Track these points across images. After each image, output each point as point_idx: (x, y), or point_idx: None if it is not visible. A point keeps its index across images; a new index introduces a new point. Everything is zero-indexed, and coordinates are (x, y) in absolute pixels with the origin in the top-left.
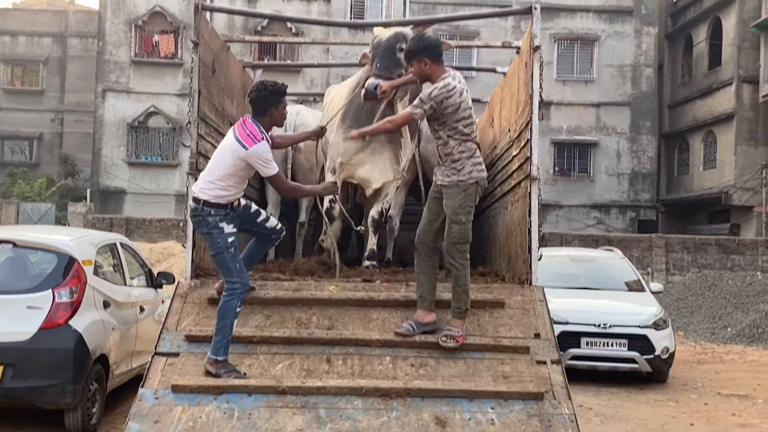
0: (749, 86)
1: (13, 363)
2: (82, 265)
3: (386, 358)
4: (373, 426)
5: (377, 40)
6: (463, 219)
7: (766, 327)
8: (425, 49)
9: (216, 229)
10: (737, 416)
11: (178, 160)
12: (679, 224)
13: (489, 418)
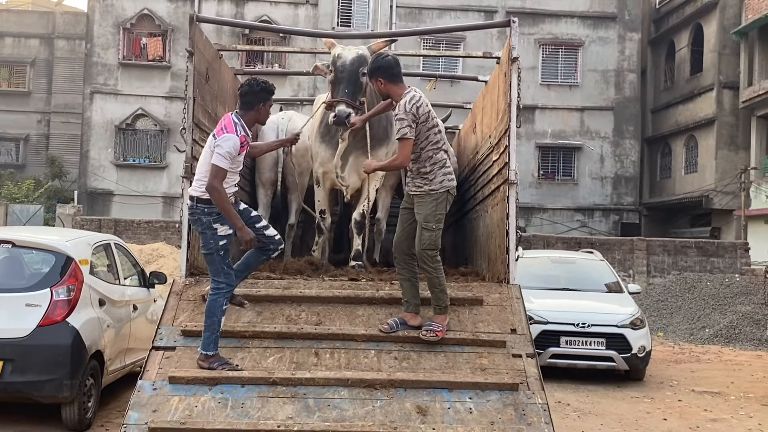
0: (730, 92)
1: (12, 358)
2: (78, 265)
3: (371, 352)
4: (358, 414)
5: (341, 61)
6: (434, 226)
7: (743, 328)
8: (380, 69)
9: (209, 229)
10: (709, 411)
11: (165, 162)
12: (661, 227)
13: (467, 407)
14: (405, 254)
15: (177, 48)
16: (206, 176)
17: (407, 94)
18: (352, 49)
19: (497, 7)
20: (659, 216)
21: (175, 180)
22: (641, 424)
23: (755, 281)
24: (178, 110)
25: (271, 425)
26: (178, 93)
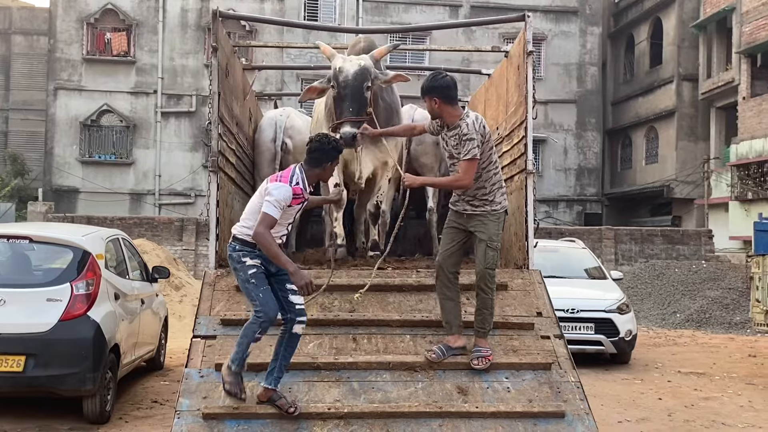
0: (689, 84)
1: (35, 353)
2: (95, 259)
3: (406, 337)
4: (402, 396)
5: (343, 76)
6: (498, 246)
7: (713, 312)
8: (437, 88)
9: (239, 263)
10: (699, 391)
11: (132, 159)
12: (622, 217)
13: (505, 386)
14: (450, 272)
15: (142, 43)
16: (248, 218)
17: (469, 114)
18: (353, 61)
19: (462, 2)
20: (621, 206)
21: (143, 176)
22: (639, 404)
23: (721, 267)
24: (144, 106)
25: (322, 408)
26: (143, 88)
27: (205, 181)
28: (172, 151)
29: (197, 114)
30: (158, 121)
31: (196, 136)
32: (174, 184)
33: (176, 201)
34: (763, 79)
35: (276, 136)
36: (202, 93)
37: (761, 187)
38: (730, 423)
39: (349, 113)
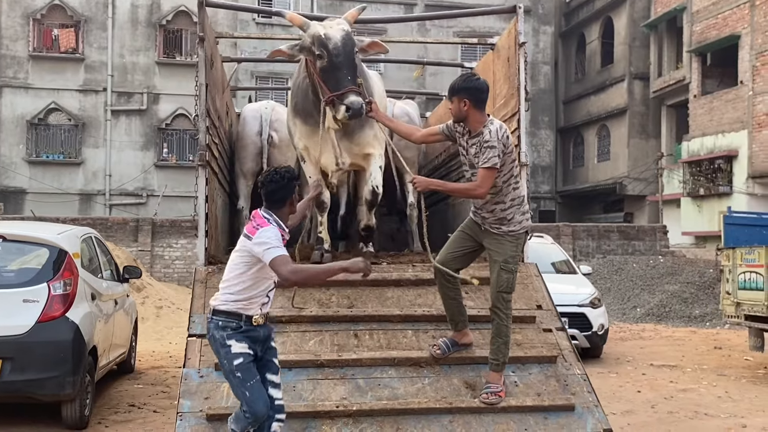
0: (640, 82)
1: (12, 357)
2: (72, 258)
3: (408, 332)
4: (410, 392)
5: (332, 43)
6: (514, 268)
7: (673, 306)
8: (468, 90)
9: (223, 347)
10: (675, 383)
11: (81, 158)
12: (575, 214)
13: (512, 380)
14: (457, 265)
15: (91, 39)
16: (231, 282)
17: (493, 122)
18: (335, 26)
19: (417, 0)
20: (574, 203)
21: (92, 176)
22: (620, 397)
23: (678, 262)
24: (93, 104)
25: (329, 406)
26: (92, 86)
27: (156, 181)
28: (123, 150)
29: (148, 112)
30: (108, 119)
31: (147, 134)
32: (125, 184)
33: (127, 201)
34: (713, 77)
35: (262, 129)
36: (153, 91)
37: (713, 183)
38: (712, 413)
39: (348, 82)
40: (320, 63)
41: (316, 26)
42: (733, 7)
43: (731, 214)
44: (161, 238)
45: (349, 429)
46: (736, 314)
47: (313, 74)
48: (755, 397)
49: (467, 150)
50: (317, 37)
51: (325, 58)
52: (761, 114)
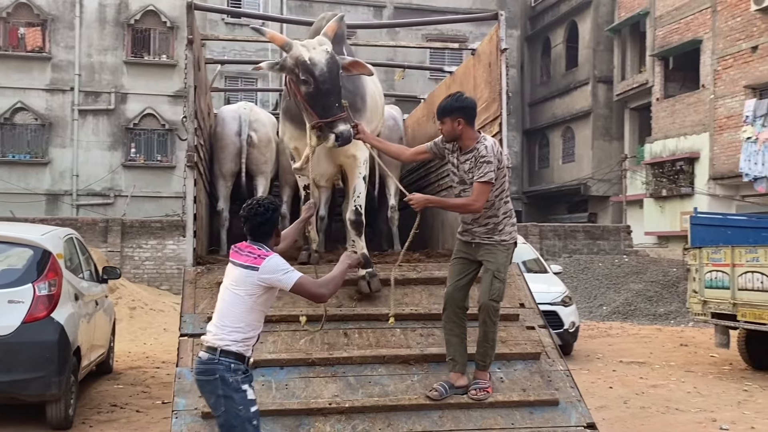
0: (604, 86)
1: None
2: (56, 259)
3: (397, 330)
4: (400, 389)
5: (318, 69)
6: (504, 277)
7: (638, 304)
8: (463, 109)
9: (237, 392)
10: (645, 379)
11: (48, 158)
12: (541, 214)
13: (498, 376)
14: (458, 308)
15: (58, 38)
16: (237, 320)
17: (486, 138)
18: (318, 48)
19: (386, 3)
20: (539, 204)
21: (59, 176)
22: (593, 393)
23: (642, 261)
24: (60, 103)
25: (322, 403)
26: (59, 85)
27: (124, 181)
28: (90, 150)
29: (116, 112)
30: (75, 119)
31: (115, 134)
32: (92, 184)
33: (95, 201)
34: (675, 81)
35: (241, 129)
36: (120, 90)
37: (675, 184)
38: (683, 408)
39: (336, 109)
40: (306, 88)
41: (299, 48)
42: (695, 12)
43: (697, 214)
44: (131, 239)
45: (342, 425)
46: (703, 312)
47: (296, 95)
48: (723, 392)
49: (458, 166)
50: (301, 63)
51: (311, 84)
52: (722, 117)
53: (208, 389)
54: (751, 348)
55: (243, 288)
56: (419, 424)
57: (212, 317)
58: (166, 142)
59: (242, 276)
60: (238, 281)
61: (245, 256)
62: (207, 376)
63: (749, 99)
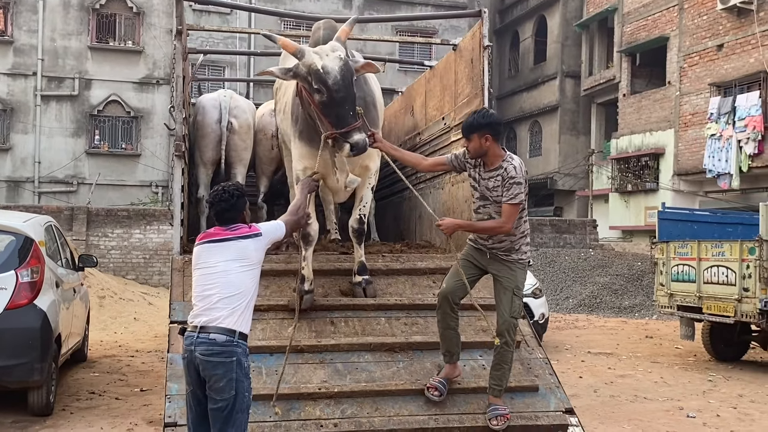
0: (572, 80)
1: None
2: (38, 246)
3: (381, 319)
4: (386, 375)
5: (332, 78)
6: (522, 294)
7: (603, 297)
8: (491, 125)
9: (248, 379)
10: (613, 369)
11: (9, 144)
12: None
13: (480, 363)
14: (454, 303)
15: (20, 22)
16: (250, 298)
17: (513, 157)
18: (331, 55)
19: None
20: None
21: (21, 163)
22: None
23: (607, 255)
24: (23, 88)
25: (312, 388)
26: (22, 70)
27: (87, 169)
28: (53, 136)
29: (80, 98)
30: (38, 104)
31: (78, 121)
32: (55, 171)
33: (57, 189)
34: (642, 77)
35: (221, 116)
36: (84, 76)
37: (640, 179)
38: (651, 397)
39: (351, 118)
40: (319, 97)
41: (312, 56)
42: (663, 10)
43: (665, 210)
44: (96, 228)
45: (331, 410)
46: (669, 305)
47: (309, 103)
48: (688, 382)
49: (479, 182)
50: (315, 71)
51: (325, 93)
52: (687, 114)
53: (221, 371)
54: (715, 340)
55: (248, 260)
56: (405, 409)
57: (210, 302)
58: (131, 130)
59: (251, 246)
60: (247, 254)
61: (234, 232)
62: (224, 357)
63: (714, 96)
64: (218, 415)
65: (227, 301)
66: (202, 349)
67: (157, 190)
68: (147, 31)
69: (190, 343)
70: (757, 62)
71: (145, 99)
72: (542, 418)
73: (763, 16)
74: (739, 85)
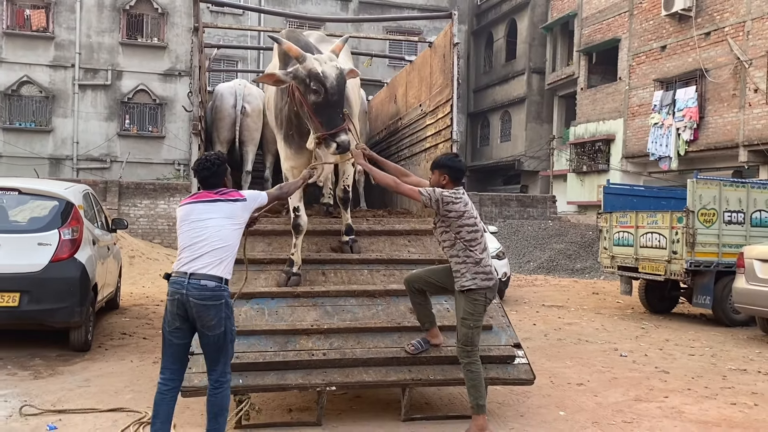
0: (537, 76)
1: (29, 290)
2: (78, 209)
3: (364, 271)
4: (367, 315)
5: (329, 82)
6: (471, 324)
7: (559, 261)
8: (449, 167)
9: (233, 316)
10: (562, 319)
11: (51, 126)
12: (481, 186)
13: (445, 307)
14: (415, 288)
15: (60, 20)
16: (232, 252)
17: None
18: (329, 63)
19: None
20: (480, 177)
21: (61, 143)
22: (520, 328)
23: (564, 226)
24: (63, 78)
25: (306, 325)
26: (61, 62)
27: (119, 149)
28: (89, 120)
29: (112, 87)
30: (76, 92)
31: (111, 107)
32: (90, 150)
33: (93, 166)
34: (597, 73)
35: (236, 102)
36: (116, 68)
37: (594, 161)
38: (591, 340)
39: (340, 120)
40: (314, 98)
41: (312, 61)
42: (615, 15)
43: (609, 185)
44: (127, 199)
45: (321, 342)
46: (611, 266)
47: (302, 103)
48: (624, 329)
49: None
50: (314, 74)
51: (321, 94)
52: (635, 105)
53: (213, 312)
54: (649, 295)
55: (237, 220)
56: (382, 342)
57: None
58: (157, 115)
59: (238, 207)
60: (234, 213)
61: (224, 195)
62: (215, 301)
63: (657, 90)
64: (211, 347)
65: (216, 253)
66: (196, 293)
67: (179, 167)
68: (170, 29)
69: (181, 287)
70: (695, 61)
71: (168, 88)
72: (494, 350)
73: (700, 22)
74: (678, 81)
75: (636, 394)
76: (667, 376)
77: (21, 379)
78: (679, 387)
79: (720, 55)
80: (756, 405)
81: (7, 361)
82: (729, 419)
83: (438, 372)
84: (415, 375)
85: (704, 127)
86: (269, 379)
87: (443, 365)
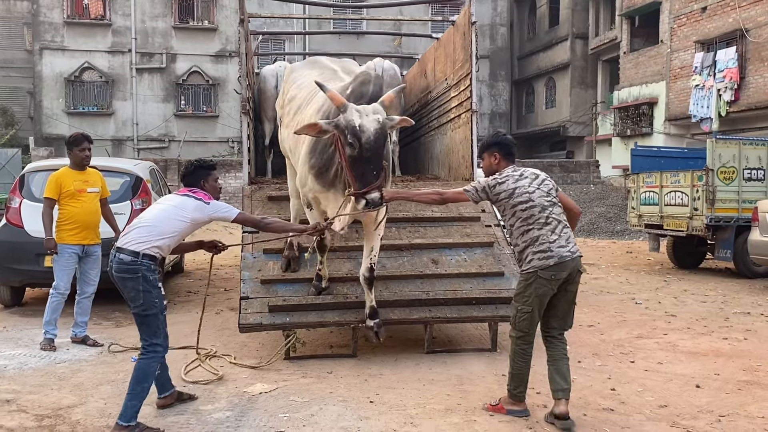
0: (581, 41)
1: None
2: (146, 183)
3: (393, 228)
4: (394, 266)
5: (365, 137)
6: (518, 306)
7: (600, 224)
8: (499, 145)
9: (155, 288)
10: (590, 274)
11: (112, 110)
12: (527, 152)
13: (463, 258)
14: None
15: (116, 8)
16: (165, 236)
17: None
18: (371, 116)
19: None
20: (525, 144)
21: (122, 125)
22: None
23: (606, 189)
24: (121, 63)
25: (341, 274)
26: (119, 48)
27: (176, 129)
28: (147, 102)
29: (167, 70)
30: (133, 76)
31: (167, 89)
32: (150, 131)
33: (152, 146)
34: (639, 37)
35: (278, 83)
36: (170, 51)
37: (637, 125)
38: (612, 292)
39: (373, 177)
40: (350, 150)
41: (353, 112)
42: None
43: (637, 148)
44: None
45: (354, 288)
46: (639, 224)
47: (341, 154)
48: (647, 282)
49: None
50: (351, 127)
51: (356, 148)
52: (677, 68)
53: (130, 285)
54: (677, 251)
55: (188, 213)
56: (407, 288)
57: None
58: (210, 96)
59: (191, 204)
60: (184, 206)
61: (190, 192)
62: (130, 274)
63: (698, 52)
64: (135, 317)
65: (142, 230)
66: (115, 266)
67: (233, 144)
68: (220, 12)
69: (111, 260)
70: (735, 22)
71: (220, 69)
72: (504, 292)
73: None
74: (719, 42)
75: (639, 332)
76: (673, 319)
77: (105, 328)
78: (681, 327)
79: (760, 15)
80: (745, 339)
81: (92, 314)
82: (717, 350)
83: (454, 311)
84: (435, 314)
85: (745, 87)
86: (311, 317)
87: (459, 306)
